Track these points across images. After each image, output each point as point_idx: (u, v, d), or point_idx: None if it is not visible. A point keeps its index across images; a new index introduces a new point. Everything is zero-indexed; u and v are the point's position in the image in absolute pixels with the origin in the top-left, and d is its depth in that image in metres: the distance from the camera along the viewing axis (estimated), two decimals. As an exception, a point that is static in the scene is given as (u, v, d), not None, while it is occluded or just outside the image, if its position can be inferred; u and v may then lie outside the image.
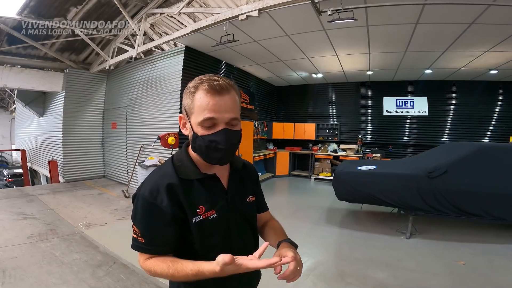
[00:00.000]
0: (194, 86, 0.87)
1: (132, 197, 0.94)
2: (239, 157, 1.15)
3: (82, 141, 7.92)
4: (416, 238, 3.96)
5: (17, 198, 5.69)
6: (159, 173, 0.94)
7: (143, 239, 0.88)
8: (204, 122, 0.86)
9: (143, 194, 0.89)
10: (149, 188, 0.89)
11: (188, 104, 0.90)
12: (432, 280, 2.90)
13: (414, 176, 3.77)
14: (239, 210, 1.02)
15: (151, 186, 0.89)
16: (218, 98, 0.85)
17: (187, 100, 0.90)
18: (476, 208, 3.54)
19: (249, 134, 7.04)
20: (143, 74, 6.80)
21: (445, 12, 3.86)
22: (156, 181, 0.90)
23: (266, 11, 3.98)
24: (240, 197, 1.05)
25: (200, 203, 0.92)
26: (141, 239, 0.89)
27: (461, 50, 5.40)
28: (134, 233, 0.90)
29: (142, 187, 0.91)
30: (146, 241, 0.88)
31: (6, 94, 16.15)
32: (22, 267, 2.91)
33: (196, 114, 0.87)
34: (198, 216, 0.91)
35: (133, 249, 0.92)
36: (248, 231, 1.08)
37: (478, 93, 7.56)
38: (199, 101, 0.86)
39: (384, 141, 8.42)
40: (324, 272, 3.07)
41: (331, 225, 4.58)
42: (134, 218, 0.91)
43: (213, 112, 0.85)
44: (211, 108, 0.85)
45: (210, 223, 0.93)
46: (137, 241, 0.90)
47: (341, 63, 6.77)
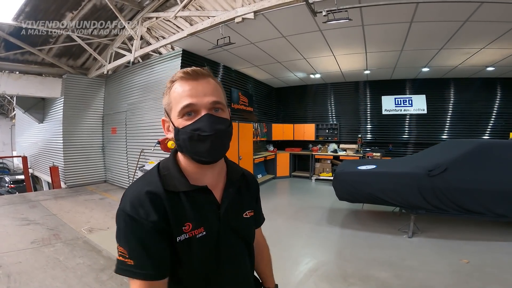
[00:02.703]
0: (169, 82, 0.82)
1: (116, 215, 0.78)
2: (238, 166, 1.02)
3: (82, 147, 7.95)
4: (418, 237, 3.96)
5: (19, 204, 5.72)
6: (142, 183, 0.80)
7: (132, 261, 0.72)
8: (183, 110, 0.77)
9: (124, 208, 0.75)
10: (130, 201, 0.75)
11: (166, 102, 0.82)
12: (435, 278, 2.90)
13: (414, 175, 3.78)
14: (233, 227, 0.89)
15: (132, 198, 0.76)
16: (195, 83, 0.78)
17: (165, 99, 0.82)
18: (478, 206, 3.54)
19: (249, 136, 7.06)
20: (141, 78, 6.84)
21: (439, 10, 3.90)
22: (138, 193, 0.76)
23: (262, 13, 4.02)
24: (235, 212, 0.91)
25: (187, 220, 0.79)
26: (129, 261, 0.72)
27: (457, 48, 5.43)
28: (120, 255, 0.74)
29: (123, 200, 0.77)
30: (136, 263, 0.72)
31: (5, 100, 16.20)
32: (27, 272, 2.94)
33: (174, 107, 0.79)
34: (183, 234, 0.77)
35: (118, 273, 0.74)
36: (243, 252, 0.94)
37: (476, 90, 7.60)
38: (175, 92, 0.79)
39: (384, 140, 8.44)
40: (326, 272, 3.08)
41: (332, 225, 4.59)
42: (118, 237, 0.75)
43: (190, 97, 0.77)
44: (187, 94, 0.77)
45: (197, 242, 0.79)
46: (123, 264, 0.73)
47: (338, 63, 6.81)
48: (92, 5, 5.37)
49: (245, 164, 6.72)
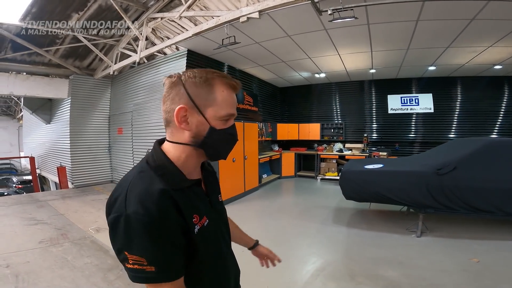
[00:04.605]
0: (209, 77, 0.80)
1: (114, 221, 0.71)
2: None
3: (89, 147, 8.02)
4: (427, 236, 3.92)
5: (27, 204, 5.78)
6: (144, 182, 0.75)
7: (153, 267, 0.69)
8: (227, 117, 0.83)
9: (136, 212, 0.69)
10: (141, 203, 0.70)
11: (201, 95, 0.80)
12: (445, 278, 2.87)
13: (422, 173, 3.74)
14: (218, 210, 0.98)
15: (143, 199, 0.71)
16: (235, 95, 0.86)
17: (200, 89, 0.79)
18: (487, 205, 3.49)
19: (254, 136, 7.05)
20: (147, 78, 6.88)
21: (445, 8, 3.86)
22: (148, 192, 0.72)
23: (267, 12, 4.00)
24: (216, 197, 1.00)
25: (194, 212, 0.81)
26: (149, 268, 0.69)
27: (464, 46, 5.37)
28: (135, 264, 0.69)
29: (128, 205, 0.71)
30: (158, 268, 0.70)
31: (12, 102, 16.41)
32: (35, 271, 2.96)
33: (218, 108, 0.81)
34: (196, 226, 0.81)
35: (139, 282, 0.70)
36: (228, 231, 1.06)
37: (484, 89, 7.50)
38: (223, 95, 0.81)
39: (390, 139, 8.37)
40: (333, 272, 3.06)
41: (339, 224, 4.57)
42: (129, 246, 0.69)
43: (234, 108, 0.85)
44: (233, 104, 0.84)
45: (207, 230, 0.85)
46: (144, 272, 0.69)
47: (343, 62, 6.77)
48: (98, 5, 5.42)
49: (251, 163, 6.72)
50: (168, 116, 0.83)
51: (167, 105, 0.82)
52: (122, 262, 0.72)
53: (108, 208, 0.76)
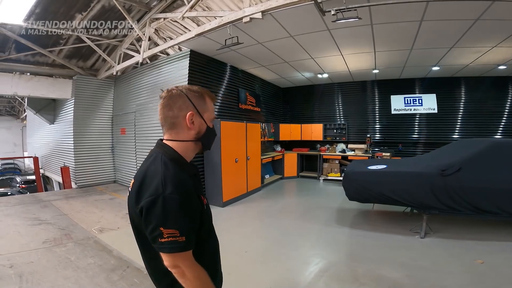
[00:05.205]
0: (201, 92, 1.13)
1: (151, 203, 0.90)
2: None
3: (92, 147, 8.05)
4: (431, 237, 3.89)
5: (31, 204, 5.81)
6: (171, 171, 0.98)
7: (184, 237, 0.90)
8: (214, 119, 1.19)
9: (173, 192, 0.91)
10: (175, 185, 0.93)
11: (201, 104, 1.12)
12: (449, 279, 2.85)
13: (427, 174, 3.71)
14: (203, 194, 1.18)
15: (176, 182, 0.94)
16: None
17: (199, 100, 1.11)
18: (492, 206, 3.46)
19: (257, 136, 7.04)
20: (149, 79, 6.89)
21: (450, 9, 3.84)
22: (178, 177, 0.97)
23: (270, 12, 4.00)
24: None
25: (201, 193, 1.10)
26: (181, 239, 0.90)
27: (468, 46, 5.34)
28: (169, 237, 0.89)
29: (165, 188, 0.91)
30: (187, 238, 0.92)
31: (16, 102, 16.54)
32: (39, 271, 2.97)
33: (209, 113, 1.15)
34: (204, 204, 1.09)
35: (175, 252, 0.90)
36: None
37: (488, 89, 7.46)
38: (210, 105, 1.16)
39: (393, 140, 8.33)
40: (337, 273, 3.04)
41: (342, 225, 4.55)
42: (165, 222, 0.89)
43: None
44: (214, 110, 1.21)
45: (208, 208, 1.15)
46: (177, 243, 0.89)
47: (346, 63, 6.75)
48: (101, 6, 5.44)
49: (253, 164, 6.71)
50: (176, 121, 1.08)
51: (174, 112, 1.07)
52: (154, 239, 0.91)
53: (138, 194, 0.96)
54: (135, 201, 0.96)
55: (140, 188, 0.96)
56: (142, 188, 0.95)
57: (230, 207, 5.69)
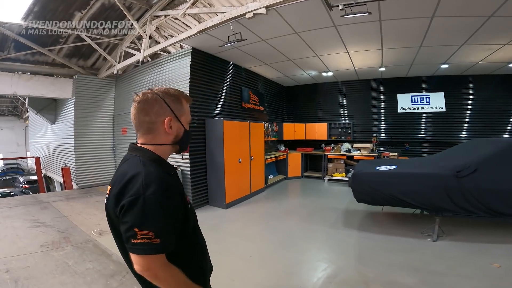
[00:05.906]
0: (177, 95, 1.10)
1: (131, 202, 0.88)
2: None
3: (93, 148, 7.95)
4: (443, 240, 3.74)
5: (31, 205, 5.72)
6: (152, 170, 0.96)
7: (158, 240, 0.87)
8: (190, 121, 1.18)
9: (155, 192, 0.89)
10: (157, 184, 0.91)
11: (178, 108, 1.09)
12: (465, 284, 2.71)
13: (441, 176, 3.54)
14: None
15: (158, 181, 0.92)
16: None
17: (176, 104, 1.09)
18: (509, 208, 3.30)
19: (260, 136, 6.89)
20: (151, 78, 6.77)
21: (463, 4, 3.70)
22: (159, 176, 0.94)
23: (274, 7, 3.84)
24: None
25: (183, 191, 1.11)
26: (155, 241, 0.87)
27: (479, 44, 5.17)
28: (143, 238, 0.86)
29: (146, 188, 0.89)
30: (162, 240, 0.88)
31: (19, 102, 16.51)
32: (35, 277, 2.86)
33: (186, 116, 1.13)
34: (187, 203, 1.09)
35: (146, 254, 0.88)
36: None
37: (496, 87, 7.25)
38: (186, 107, 1.14)
39: (400, 139, 8.14)
40: (346, 278, 2.90)
41: (349, 228, 4.39)
42: (141, 223, 0.87)
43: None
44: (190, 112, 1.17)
45: (191, 206, 1.16)
46: (151, 245, 0.87)
47: (352, 60, 6.58)
48: (101, 4, 5.34)
49: (257, 164, 6.57)
50: (154, 126, 1.06)
51: (151, 117, 1.04)
52: (128, 239, 0.88)
53: (119, 197, 0.92)
54: (115, 204, 0.93)
55: (120, 190, 0.93)
56: (122, 191, 0.92)
57: (234, 208, 5.56)
